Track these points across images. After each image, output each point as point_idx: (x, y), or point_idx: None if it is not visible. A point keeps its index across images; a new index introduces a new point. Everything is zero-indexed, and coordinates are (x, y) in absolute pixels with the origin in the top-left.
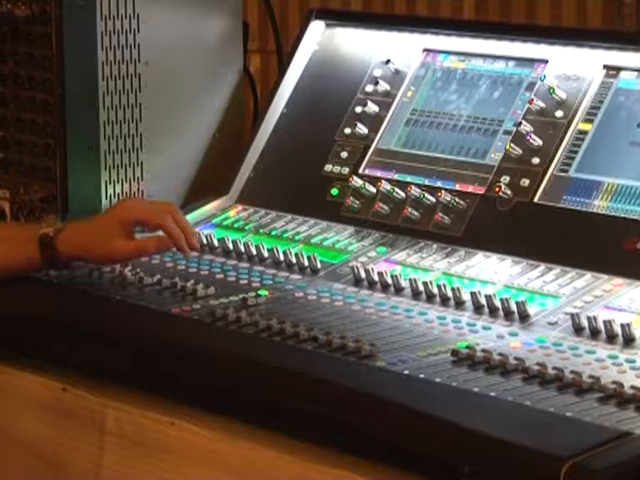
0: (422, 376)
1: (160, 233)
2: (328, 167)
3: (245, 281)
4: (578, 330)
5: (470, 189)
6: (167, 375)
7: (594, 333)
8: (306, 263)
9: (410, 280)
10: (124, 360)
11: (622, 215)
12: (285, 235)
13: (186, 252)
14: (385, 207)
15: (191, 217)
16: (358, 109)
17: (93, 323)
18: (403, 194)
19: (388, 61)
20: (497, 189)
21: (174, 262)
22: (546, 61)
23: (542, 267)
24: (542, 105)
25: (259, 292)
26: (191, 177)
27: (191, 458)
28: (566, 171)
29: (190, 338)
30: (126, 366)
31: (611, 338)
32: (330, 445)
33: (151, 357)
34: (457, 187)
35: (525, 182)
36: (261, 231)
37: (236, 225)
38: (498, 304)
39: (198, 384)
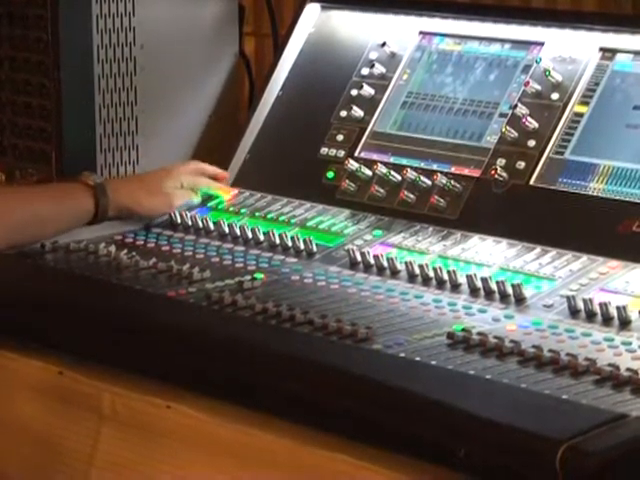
0: (418, 359)
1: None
2: (324, 150)
3: (241, 264)
4: (574, 313)
5: (466, 172)
6: (163, 358)
7: (590, 316)
8: (302, 246)
9: (406, 263)
10: (120, 343)
11: (618, 197)
12: (281, 218)
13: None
14: (381, 190)
15: (183, 203)
16: (354, 92)
17: (89, 306)
18: (399, 177)
19: (384, 44)
20: (493, 172)
21: (170, 245)
22: (542, 43)
23: (538, 250)
24: (538, 88)
25: (255, 275)
26: (187, 160)
27: (188, 441)
28: (562, 154)
29: (186, 321)
30: (122, 349)
31: (607, 320)
32: (326, 428)
33: (147, 340)
34: (453, 170)
35: (521, 165)
36: (257, 214)
37: (232, 208)
38: (494, 287)
39: (194, 367)
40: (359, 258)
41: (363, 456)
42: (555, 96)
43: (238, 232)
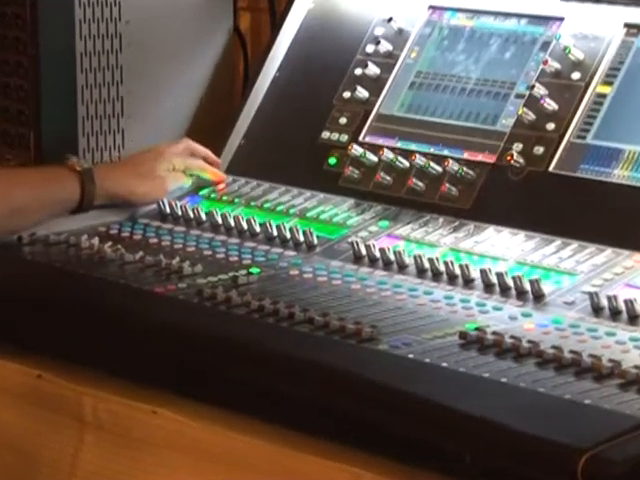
0: (427, 361)
1: None
2: (325, 134)
3: (235, 258)
4: (597, 310)
5: (479, 158)
6: (149, 360)
7: (614, 313)
8: (301, 238)
9: (414, 257)
10: (104, 344)
11: None
12: (279, 208)
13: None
14: (387, 177)
15: (177, 191)
16: (358, 71)
17: (70, 304)
18: (407, 163)
19: (390, 19)
20: (509, 157)
21: (158, 237)
22: (562, 19)
23: (558, 242)
24: (557, 66)
25: (250, 270)
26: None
27: (175, 449)
28: (583, 138)
29: (175, 320)
30: (106, 351)
31: (633, 319)
32: (325, 435)
33: (133, 341)
34: (465, 155)
35: (539, 150)
36: (252, 204)
37: (225, 197)
38: (510, 282)
39: (183, 369)
40: (364, 251)
41: (364, 463)
42: (576, 75)
43: (232, 223)
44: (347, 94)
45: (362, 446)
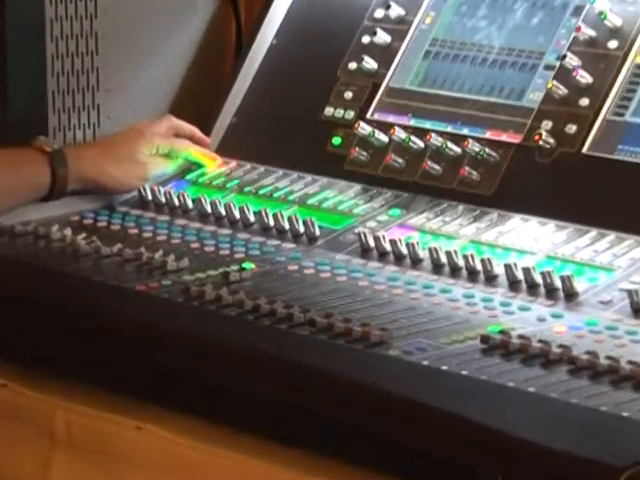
0: (445, 368)
1: None
2: (329, 111)
3: (226, 251)
4: (637, 311)
5: (503, 137)
6: (130, 368)
7: None
8: (301, 229)
9: (430, 250)
10: (77, 349)
11: None
12: (276, 194)
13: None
14: (399, 160)
15: (159, 177)
16: (365, 39)
17: (39, 304)
18: (421, 144)
19: None
20: (537, 137)
21: (139, 228)
22: None
23: (593, 233)
24: (592, 34)
25: (244, 265)
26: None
27: (161, 469)
28: (621, 115)
29: (159, 322)
30: (80, 357)
31: None
32: (329, 451)
33: (110, 346)
34: (487, 135)
35: (571, 128)
36: (246, 190)
37: (215, 182)
38: (539, 279)
39: (168, 378)
40: (372, 243)
41: None
42: (613, 44)
43: (223, 211)
44: (353, 65)
45: (371, 464)
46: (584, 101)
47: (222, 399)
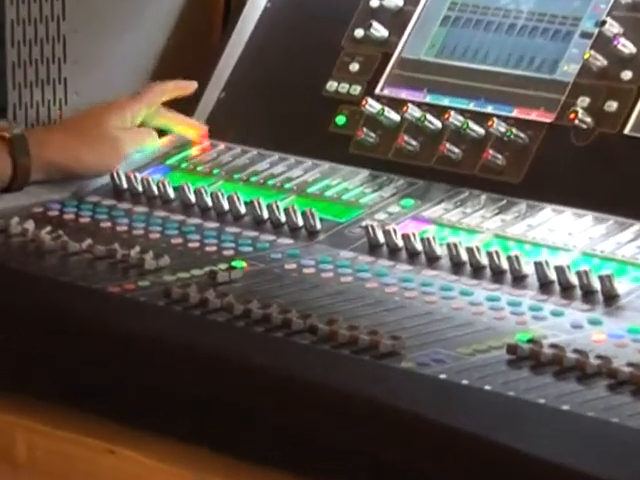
0: (465, 382)
1: None
2: (331, 85)
3: (213, 248)
4: None
5: (533, 116)
6: (101, 383)
7: None
8: (300, 222)
9: (448, 246)
10: (40, 361)
11: None
12: (270, 182)
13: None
14: (413, 142)
15: (137, 156)
16: (374, 2)
17: None
18: (438, 123)
19: None
20: (572, 116)
21: (112, 221)
22: None
23: (637, 227)
24: None
25: (233, 263)
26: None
27: None
28: None
29: (135, 329)
30: (44, 370)
31: None
32: (333, 478)
33: (79, 357)
34: (515, 113)
35: (611, 106)
36: (236, 176)
37: (200, 168)
38: (574, 280)
39: (147, 396)
40: (382, 239)
41: None
42: None
43: (209, 201)
44: (360, 32)
45: None
46: (626, 74)
47: (207, 419)
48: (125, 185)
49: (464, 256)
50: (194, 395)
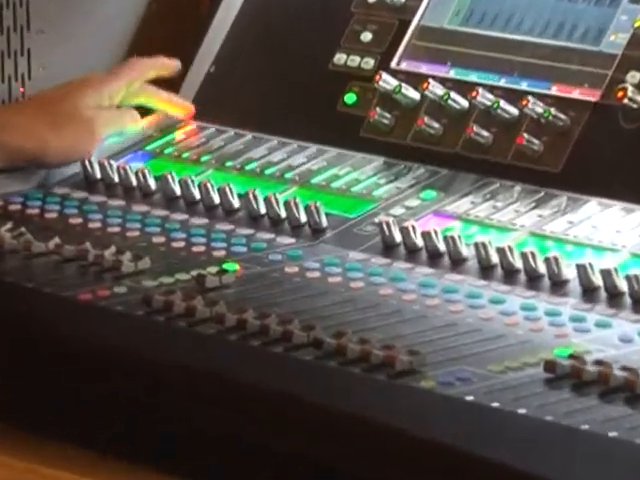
0: (496, 405)
1: None
2: (340, 58)
3: (201, 248)
4: None
5: (575, 94)
6: (70, 405)
7: None
8: (303, 218)
9: (477, 246)
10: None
11: None
12: (268, 171)
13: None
14: (434, 124)
15: (112, 141)
16: None
17: None
18: (464, 103)
19: None
20: (620, 94)
21: (83, 217)
22: None
23: None
24: None
25: (225, 266)
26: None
27: None
28: None
29: (110, 343)
30: (3, 391)
31: None
32: None
33: (44, 374)
34: (554, 91)
35: None
36: (228, 164)
37: (187, 154)
38: (622, 285)
39: (123, 420)
40: (398, 238)
41: None
42: None
43: (197, 194)
44: None
45: None
46: None
47: (194, 445)
48: (99, 175)
49: (494, 258)
50: (178, 420)
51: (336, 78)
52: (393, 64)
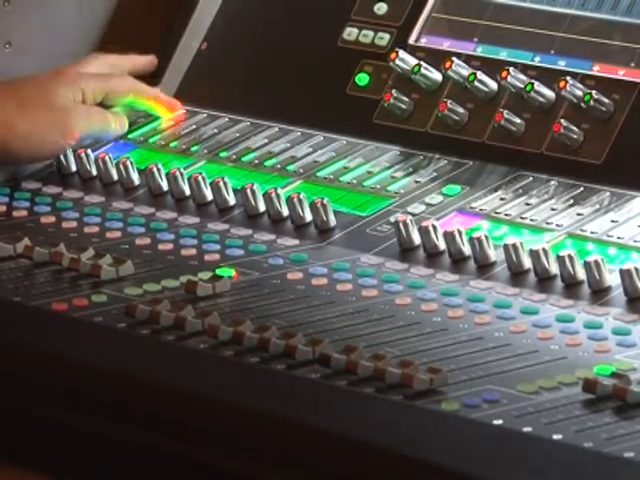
0: (528, 430)
1: None
2: (350, 33)
3: (192, 251)
4: None
5: (620, 74)
6: (42, 433)
7: None
8: (308, 216)
9: (506, 248)
10: None
11: None
12: (268, 163)
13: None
14: (459, 109)
15: (93, 130)
16: None
17: None
18: (493, 84)
19: None
20: None
21: (56, 215)
22: None
23: None
24: None
25: (219, 272)
26: (91, 52)
27: None
28: None
29: (88, 360)
30: None
31: None
32: None
33: (13, 397)
34: (596, 71)
35: None
36: (222, 155)
37: (175, 144)
38: None
39: (99, 449)
40: (417, 239)
41: None
42: None
43: (186, 189)
44: None
45: None
46: None
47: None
48: (74, 167)
49: (527, 262)
50: (169, 448)
51: (346, 56)
52: (411, 40)
